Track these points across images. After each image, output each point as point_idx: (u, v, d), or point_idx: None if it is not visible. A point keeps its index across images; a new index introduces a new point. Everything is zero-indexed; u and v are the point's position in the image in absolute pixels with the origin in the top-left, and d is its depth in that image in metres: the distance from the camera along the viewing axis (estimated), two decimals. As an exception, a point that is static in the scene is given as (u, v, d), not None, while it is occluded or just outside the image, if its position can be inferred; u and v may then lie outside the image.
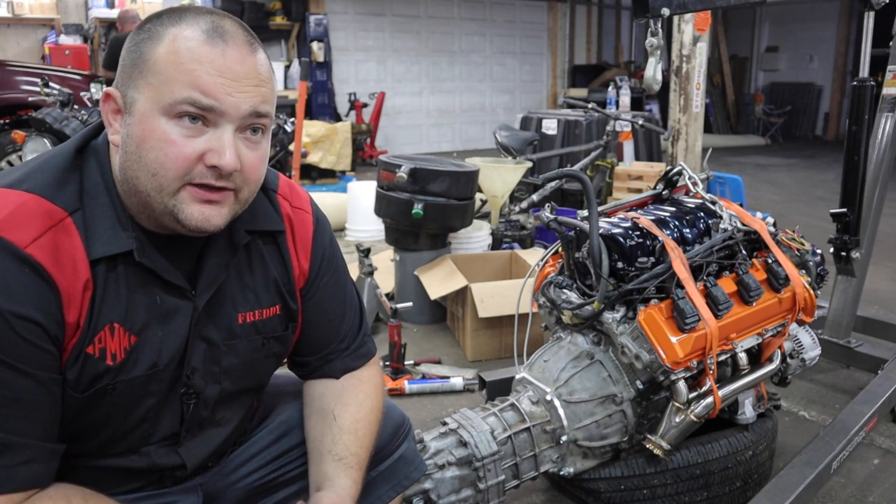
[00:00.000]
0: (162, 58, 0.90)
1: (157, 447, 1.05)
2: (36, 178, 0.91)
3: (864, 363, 2.59)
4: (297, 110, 4.32)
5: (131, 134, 0.91)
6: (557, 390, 1.71)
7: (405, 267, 3.32)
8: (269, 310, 1.11)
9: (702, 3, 1.97)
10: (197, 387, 1.04)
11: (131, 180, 0.93)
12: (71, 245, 0.89)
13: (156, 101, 0.90)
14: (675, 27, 5.25)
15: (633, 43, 12.88)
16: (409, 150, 9.42)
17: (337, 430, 1.15)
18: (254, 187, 0.99)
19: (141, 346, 0.96)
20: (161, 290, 0.98)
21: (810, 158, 9.74)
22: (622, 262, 1.70)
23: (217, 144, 0.91)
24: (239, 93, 0.92)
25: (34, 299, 0.86)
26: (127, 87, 0.92)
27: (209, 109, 0.90)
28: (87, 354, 0.92)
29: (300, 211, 1.16)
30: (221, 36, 0.92)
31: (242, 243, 1.06)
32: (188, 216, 0.93)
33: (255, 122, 0.95)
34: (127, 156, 0.92)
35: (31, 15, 9.10)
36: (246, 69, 0.92)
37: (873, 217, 2.62)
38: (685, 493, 1.76)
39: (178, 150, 0.90)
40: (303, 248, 1.15)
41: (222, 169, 0.92)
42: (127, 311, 0.95)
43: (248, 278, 1.08)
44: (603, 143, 4.88)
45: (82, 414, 0.94)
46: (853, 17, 11.63)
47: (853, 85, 2.45)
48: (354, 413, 1.18)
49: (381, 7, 9.86)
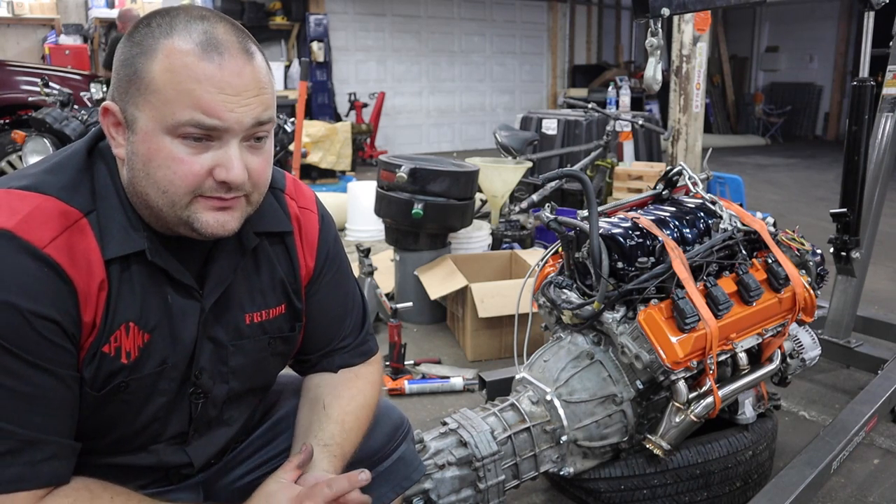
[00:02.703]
0: (159, 76, 0.89)
1: (165, 445, 1.06)
2: (51, 181, 0.92)
3: (864, 363, 2.59)
4: (297, 110, 4.33)
5: (136, 152, 0.92)
6: (557, 390, 1.71)
7: (405, 267, 3.32)
8: (275, 309, 1.12)
9: (702, 3, 1.97)
10: (205, 386, 1.05)
11: (141, 195, 0.94)
12: (86, 245, 0.91)
13: (158, 120, 0.90)
14: (675, 27, 5.24)
15: (633, 43, 12.88)
16: (409, 150, 9.42)
17: (325, 419, 1.15)
18: (263, 189, 1.00)
19: (153, 344, 0.98)
20: (171, 289, 0.99)
21: (810, 158, 9.75)
22: (622, 262, 1.70)
23: (224, 159, 0.92)
24: (241, 107, 0.91)
25: (53, 298, 0.87)
26: (126, 104, 0.92)
27: (212, 129, 0.91)
28: (103, 353, 0.93)
29: (307, 210, 1.16)
30: (216, 48, 0.90)
31: (252, 245, 1.07)
32: (204, 224, 0.94)
33: (258, 131, 0.95)
34: (134, 172, 0.93)
35: (31, 15, 9.09)
36: (245, 81, 0.92)
37: (873, 217, 2.62)
38: (685, 493, 1.76)
39: (187, 168, 0.91)
40: (309, 246, 1.16)
41: (232, 183, 0.93)
42: (142, 311, 0.96)
43: (256, 279, 1.09)
44: (603, 143, 4.88)
45: (97, 412, 0.95)
46: (853, 17, 11.63)
47: (853, 85, 2.45)
48: (345, 406, 1.18)
49: (381, 7, 9.86)
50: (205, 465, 1.14)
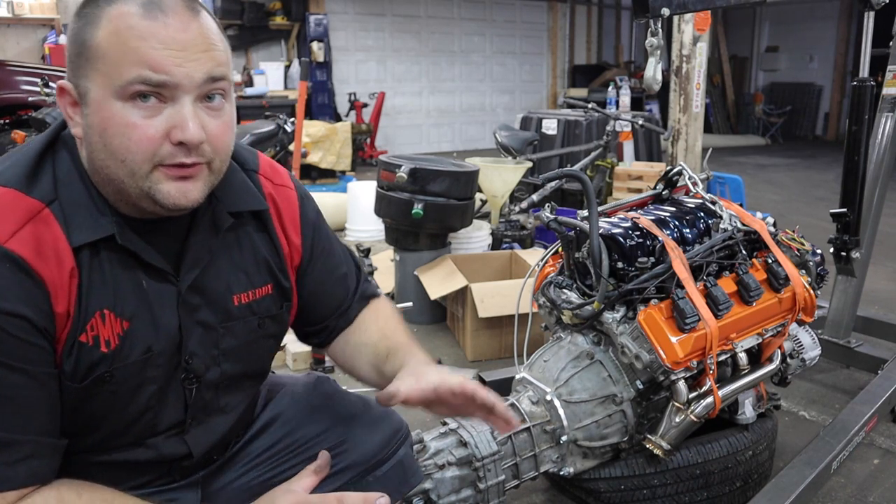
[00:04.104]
0: (104, 41, 0.88)
1: (163, 437, 1.05)
2: (8, 174, 0.91)
3: (864, 363, 2.59)
4: (297, 110, 4.32)
5: (91, 124, 0.90)
6: (557, 390, 1.71)
7: (405, 267, 3.32)
8: (262, 289, 1.11)
9: (702, 3, 1.97)
10: (197, 371, 1.04)
11: (102, 170, 0.92)
12: (52, 235, 0.89)
13: (107, 86, 0.88)
14: (675, 27, 5.24)
15: (633, 43, 12.88)
16: (409, 150, 9.42)
17: (375, 341, 1.22)
18: (224, 156, 0.98)
19: (134, 331, 0.96)
20: (145, 274, 0.97)
21: (810, 158, 9.74)
22: (622, 262, 1.70)
23: (178, 119, 0.90)
24: (189, 62, 0.89)
25: (19, 294, 0.85)
26: (78, 78, 0.91)
27: (162, 85, 0.88)
28: (80, 343, 0.92)
29: (283, 188, 1.15)
30: (159, 6, 0.89)
31: (226, 225, 1.05)
32: (165, 195, 0.92)
33: (212, 89, 0.93)
34: (92, 146, 0.91)
35: (31, 15, 9.09)
36: (191, 36, 0.90)
37: (873, 217, 2.62)
38: (685, 493, 1.76)
39: (142, 132, 0.89)
40: (292, 224, 1.15)
41: (189, 142, 0.90)
42: (116, 297, 0.94)
43: (239, 259, 1.08)
44: (603, 143, 4.88)
45: (84, 405, 0.94)
46: (853, 17, 11.63)
47: (853, 85, 2.45)
48: (381, 325, 1.26)
49: (381, 7, 9.86)
50: (207, 458, 1.13)
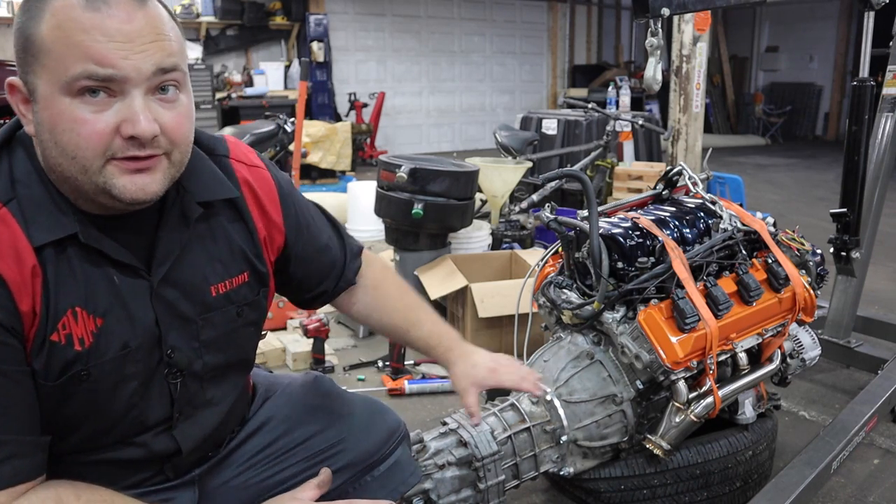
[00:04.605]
0: (47, 35, 0.85)
1: (152, 434, 1.04)
2: None
3: (864, 363, 2.60)
4: (297, 110, 4.32)
5: (41, 121, 0.88)
6: (557, 390, 1.71)
7: (405, 267, 3.32)
8: (238, 277, 1.09)
9: (702, 3, 1.97)
10: (180, 364, 1.03)
11: (56, 168, 0.90)
12: (10, 234, 0.88)
13: (54, 82, 0.86)
14: (675, 27, 5.24)
15: (633, 43, 12.87)
16: (409, 150, 9.41)
17: (391, 310, 1.35)
18: (184, 147, 0.95)
19: (108, 328, 0.95)
20: (115, 270, 0.96)
21: (810, 158, 9.74)
22: (622, 262, 1.70)
23: (128, 113, 0.87)
24: (136, 54, 0.86)
25: None
26: (26, 74, 0.88)
27: (109, 79, 0.86)
28: (51, 342, 0.90)
29: (256, 168, 1.14)
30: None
31: (195, 217, 1.03)
32: (121, 189, 0.89)
33: (164, 80, 0.90)
34: (44, 144, 0.89)
35: (31, 15, 9.12)
36: (137, 26, 0.87)
37: (873, 217, 2.62)
38: (685, 493, 1.76)
39: (90, 127, 0.86)
40: (271, 203, 1.14)
41: (140, 137, 0.87)
42: (87, 295, 0.93)
43: (213, 248, 1.06)
44: (603, 143, 4.87)
45: (63, 404, 0.93)
46: (853, 17, 11.62)
47: (853, 85, 2.46)
48: (397, 295, 1.37)
49: (381, 7, 9.87)
50: (200, 455, 1.13)
